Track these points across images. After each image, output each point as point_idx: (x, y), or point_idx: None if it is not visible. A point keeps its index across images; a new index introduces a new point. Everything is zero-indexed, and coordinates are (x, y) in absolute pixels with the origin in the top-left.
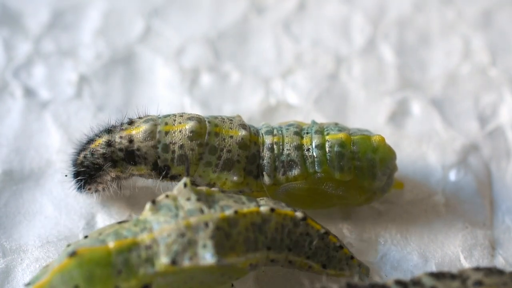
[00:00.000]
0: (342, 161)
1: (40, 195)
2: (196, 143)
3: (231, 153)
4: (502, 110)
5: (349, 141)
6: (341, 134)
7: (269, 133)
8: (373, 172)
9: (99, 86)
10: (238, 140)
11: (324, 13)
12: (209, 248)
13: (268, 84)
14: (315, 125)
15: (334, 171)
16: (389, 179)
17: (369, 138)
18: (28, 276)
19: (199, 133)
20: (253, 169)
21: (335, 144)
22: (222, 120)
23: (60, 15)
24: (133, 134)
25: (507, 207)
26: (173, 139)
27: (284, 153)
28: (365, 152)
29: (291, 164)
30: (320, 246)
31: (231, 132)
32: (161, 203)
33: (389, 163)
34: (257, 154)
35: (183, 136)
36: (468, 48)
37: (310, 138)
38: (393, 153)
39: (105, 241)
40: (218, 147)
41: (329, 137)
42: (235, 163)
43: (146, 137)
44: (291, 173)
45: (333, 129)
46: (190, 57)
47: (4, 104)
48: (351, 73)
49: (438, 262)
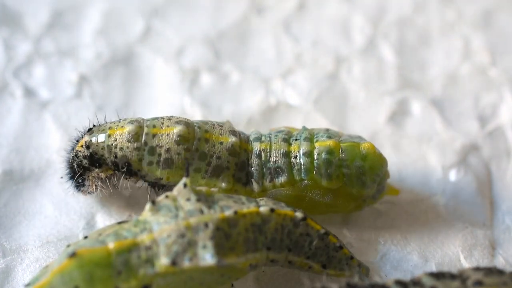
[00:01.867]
0: (330, 168)
1: (40, 195)
2: (182, 148)
3: (220, 159)
4: (502, 110)
5: (337, 148)
6: (329, 141)
7: (257, 140)
8: (362, 180)
9: (99, 86)
10: (228, 146)
11: (324, 13)
12: (209, 249)
13: (268, 84)
14: (305, 132)
15: (321, 179)
16: (380, 186)
17: (358, 146)
18: (28, 276)
19: (186, 137)
20: (242, 176)
21: (323, 151)
22: (212, 126)
23: (60, 15)
24: (88, 140)
25: (507, 207)
26: (160, 142)
27: (271, 160)
28: (353, 160)
29: (278, 171)
30: (320, 246)
31: (221, 138)
32: (161, 204)
33: (379, 170)
34: (247, 162)
35: (170, 139)
36: (468, 48)
37: (298, 145)
38: (384, 160)
39: (105, 241)
40: (208, 153)
41: (318, 144)
42: (224, 169)
43: (130, 139)
44: (278, 180)
45: (322, 136)
46: (190, 57)
47: (4, 104)
48: (351, 73)
49: (438, 262)
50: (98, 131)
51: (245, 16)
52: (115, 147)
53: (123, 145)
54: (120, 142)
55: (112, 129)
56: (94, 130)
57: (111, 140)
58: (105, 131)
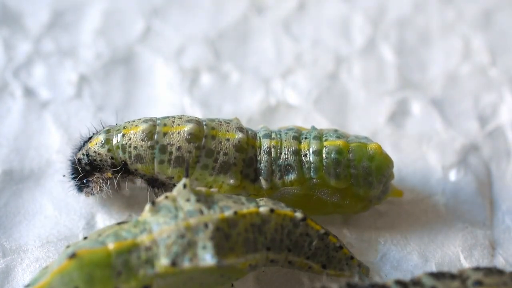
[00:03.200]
0: (338, 168)
1: (40, 195)
2: (193, 146)
3: (227, 156)
4: (502, 110)
5: (346, 148)
6: (339, 141)
7: (267, 137)
8: (369, 181)
9: (99, 86)
10: (235, 142)
11: (324, 13)
12: (209, 249)
13: (268, 84)
14: (314, 131)
15: (330, 178)
16: (385, 187)
17: (365, 146)
18: (28, 276)
19: (197, 135)
20: (250, 172)
21: (332, 151)
22: (219, 123)
23: (60, 15)
24: (89, 147)
25: (507, 207)
26: (171, 140)
27: (282, 157)
28: (360, 160)
29: (288, 169)
30: (319, 247)
31: (227, 134)
32: (161, 204)
33: (385, 171)
34: (254, 158)
35: (181, 138)
36: (468, 48)
37: (308, 144)
38: (390, 161)
39: (105, 242)
40: (214, 150)
41: (327, 143)
42: (231, 166)
43: (144, 137)
44: (287, 177)
45: (332, 136)
46: (190, 57)
47: (4, 104)
48: (351, 73)
49: (438, 262)
50: (113, 131)
51: (245, 16)
52: (129, 146)
53: (137, 144)
54: (135, 141)
55: (126, 128)
56: (110, 130)
57: (126, 139)
58: (119, 131)
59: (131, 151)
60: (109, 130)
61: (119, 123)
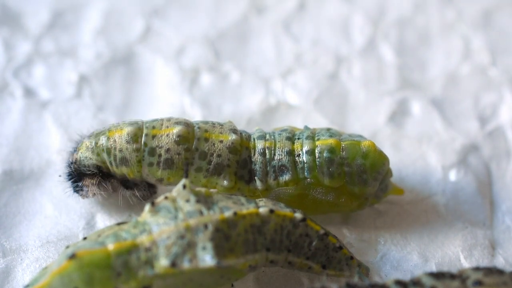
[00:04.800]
0: (331, 167)
1: (40, 195)
2: (182, 148)
3: (221, 157)
4: (502, 110)
5: (338, 147)
6: (331, 139)
7: (261, 138)
8: (363, 178)
9: (99, 86)
10: (228, 144)
11: (324, 13)
12: (209, 250)
13: (268, 84)
14: (307, 131)
15: (323, 177)
16: (382, 184)
17: (358, 144)
18: (28, 276)
19: (186, 137)
20: (245, 174)
21: (325, 150)
22: (212, 126)
23: (60, 15)
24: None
25: (507, 207)
26: (160, 142)
27: (276, 158)
28: (354, 158)
29: (282, 169)
30: (319, 247)
31: (221, 136)
32: (160, 205)
33: (380, 168)
34: (249, 159)
35: (170, 140)
36: (468, 48)
37: (301, 144)
38: (385, 158)
39: (105, 243)
40: (208, 152)
41: (319, 143)
42: (225, 167)
43: (129, 140)
44: (282, 178)
45: (324, 135)
46: (190, 57)
47: (4, 104)
48: (351, 73)
49: (438, 262)
50: (99, 134)
51: (245, 16)
52: (114, 148)
53: (122, 147)
54: (120, 144)
55: (111, 131)
56: (92, 134)
57: (111, 142)
58: (105, 134)
59: (116, 153)
60: (95, 133)
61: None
